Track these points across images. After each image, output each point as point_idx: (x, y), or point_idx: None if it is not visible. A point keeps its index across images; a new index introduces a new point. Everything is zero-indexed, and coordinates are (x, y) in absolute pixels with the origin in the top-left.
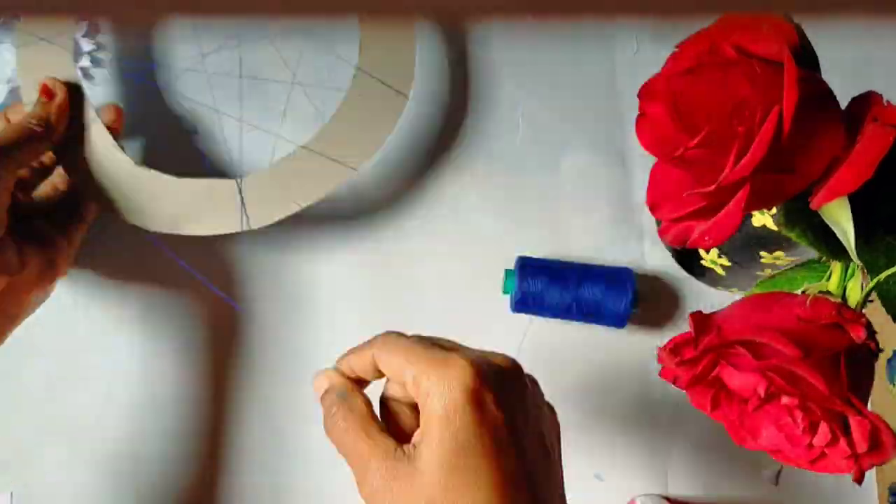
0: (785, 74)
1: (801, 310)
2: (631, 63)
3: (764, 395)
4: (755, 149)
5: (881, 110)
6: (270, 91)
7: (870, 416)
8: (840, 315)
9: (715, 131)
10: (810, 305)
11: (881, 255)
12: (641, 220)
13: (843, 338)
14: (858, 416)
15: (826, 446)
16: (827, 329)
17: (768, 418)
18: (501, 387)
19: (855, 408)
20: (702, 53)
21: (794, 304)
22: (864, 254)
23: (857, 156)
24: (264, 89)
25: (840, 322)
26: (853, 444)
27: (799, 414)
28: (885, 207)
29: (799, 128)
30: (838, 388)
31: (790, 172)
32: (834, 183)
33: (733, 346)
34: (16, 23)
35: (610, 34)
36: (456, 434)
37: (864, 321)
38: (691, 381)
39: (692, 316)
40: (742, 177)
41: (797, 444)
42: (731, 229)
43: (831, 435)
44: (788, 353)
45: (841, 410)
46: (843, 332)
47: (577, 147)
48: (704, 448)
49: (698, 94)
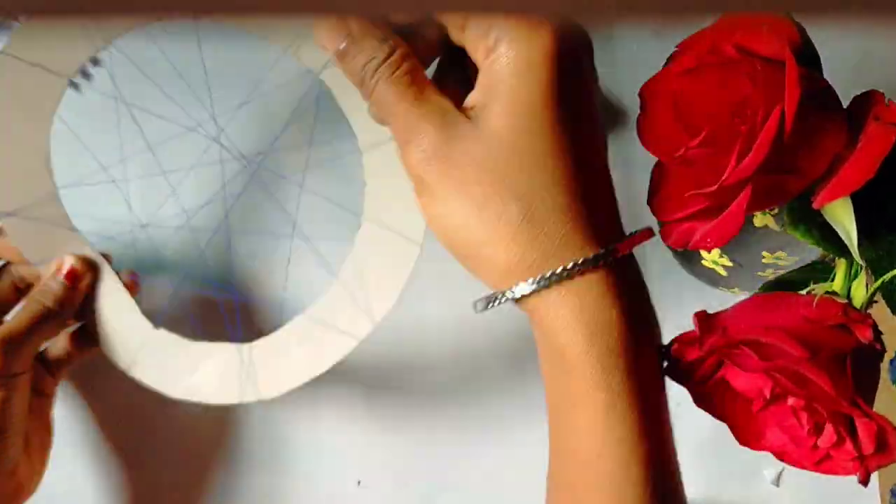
0: (786, 74)
1: (808, 310)
2: (631, 63)
3: (769, 396)
4: (757, 148)
5: (883, 109)
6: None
7: (876, 418)
8: (846, 316)
9: (716, 131)
10: (816, 306)
11: (884, 254)
12: (642, 220)
13: (849, 339)
14: (864, 418)
15: (831, 448)
16: (833, 330)
17: (773, 419)
18: (586, 59)
19: (861, 409)
20: (703, 53)
21: (799, 304)
22: (867, 253)
23: (860, 155)
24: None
25: (846, 323)
26: (859, 445)
27: (804, 415)
28: (888, 206)
29: (801, 127)
30: (844, 389)
31: (792, 172)
32: (836, 182)
33: (738, 346)
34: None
35: (610, 34)
36: (532, 96)
37: (871, 322)
38: (695, 381)
39: (697, 315)
40: (744, 177)
41: (802, 446)
42: (734, 230)
43: (837, 436)
44: (794, 354)
45: (847, 412)
46: (850, 333)
47: None
48: (704, 448)
49: (699, 93)
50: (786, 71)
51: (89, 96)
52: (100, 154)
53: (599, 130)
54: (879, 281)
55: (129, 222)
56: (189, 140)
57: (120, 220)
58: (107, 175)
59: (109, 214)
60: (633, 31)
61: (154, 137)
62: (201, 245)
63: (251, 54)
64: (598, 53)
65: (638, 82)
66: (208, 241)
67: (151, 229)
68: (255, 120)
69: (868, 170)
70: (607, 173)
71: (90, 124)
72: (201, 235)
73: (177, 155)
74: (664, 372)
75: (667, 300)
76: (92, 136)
